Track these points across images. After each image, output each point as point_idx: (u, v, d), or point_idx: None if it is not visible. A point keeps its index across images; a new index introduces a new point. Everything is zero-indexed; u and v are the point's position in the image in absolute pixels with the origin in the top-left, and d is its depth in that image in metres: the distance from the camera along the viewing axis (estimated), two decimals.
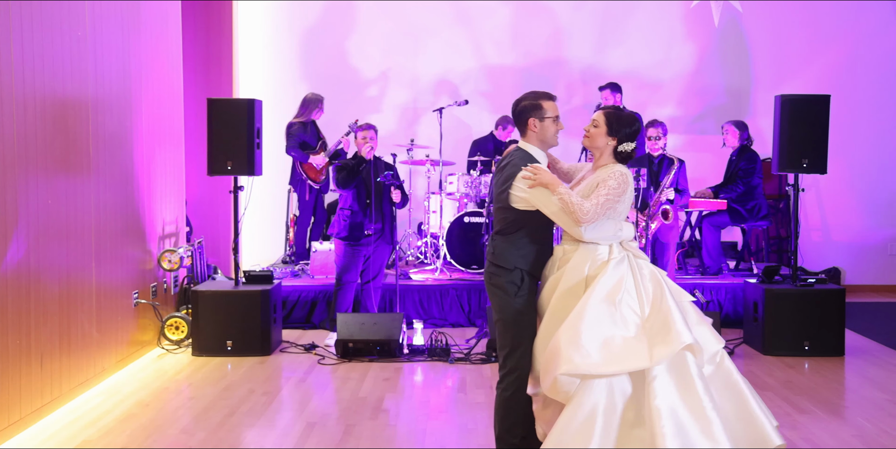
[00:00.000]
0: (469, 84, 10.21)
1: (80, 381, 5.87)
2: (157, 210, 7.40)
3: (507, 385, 4.24)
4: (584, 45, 10.20)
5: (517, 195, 4.15)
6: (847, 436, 5.08)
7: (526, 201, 4.13)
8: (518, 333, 4.22)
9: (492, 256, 4.30)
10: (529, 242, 4.23)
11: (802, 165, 7.11)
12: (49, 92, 5.45)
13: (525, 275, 4.24)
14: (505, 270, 4.24)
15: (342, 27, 10.23)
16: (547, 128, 4.24)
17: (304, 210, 9.10)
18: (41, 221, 5.34)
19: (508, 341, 4.25)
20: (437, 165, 9.01)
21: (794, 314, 7.07)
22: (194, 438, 5.01)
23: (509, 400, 4.24)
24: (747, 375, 6.42)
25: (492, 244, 4.36)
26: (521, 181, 4.11)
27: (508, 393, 4.24)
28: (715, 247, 8.67)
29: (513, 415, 4.25)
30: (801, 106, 7.11)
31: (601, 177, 4.18)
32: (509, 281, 4.22)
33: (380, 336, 6.95)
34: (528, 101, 4.26)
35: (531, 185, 4.08)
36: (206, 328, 7.03)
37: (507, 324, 4.25)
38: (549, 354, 3.96)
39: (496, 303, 4.30)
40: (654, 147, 7.97)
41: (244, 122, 7.09)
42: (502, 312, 4.26)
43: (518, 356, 4.21)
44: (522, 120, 4.24)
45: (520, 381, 4.20)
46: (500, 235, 4.29)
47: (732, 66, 10.23)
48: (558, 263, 4.24)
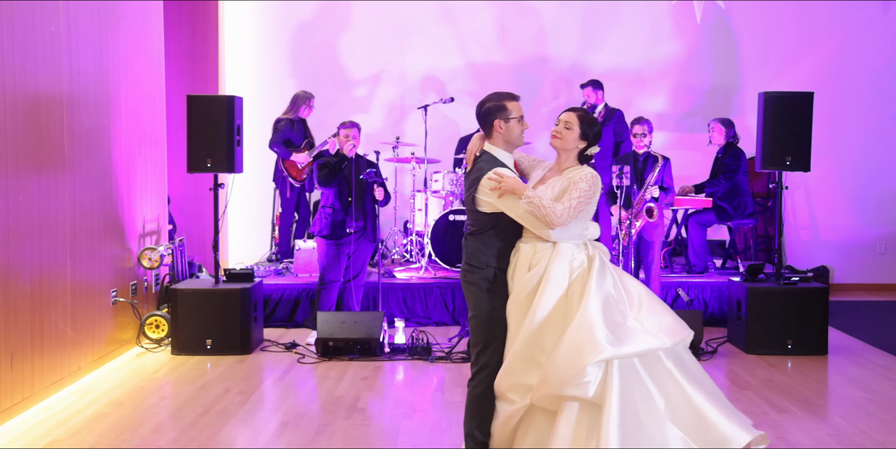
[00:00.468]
0: (456, 82, 10.16)
1: (54, 380, 5.83)
2: (138, 208, 7.35)
3: (479, 382, 4.23)
4: (571, 42, 10.15)
5: (483, 199, 4.17)
6: (823, 435, 5.03)
7: (491, 205, 4.16)
8: (491, 329, 4.22)
9: (466, 257, 4.35)
10: (500, 240, 4.26)
11: (786, 163, 7.07)
12: (20, 87, 5.40)
13: (498, 272, 4.26)
14: (478, 269, 4.26)
15: (329, 24, 10.18)
16: (512, 128, 4.22)
17: (286, 207, 9.06)
18: (11, 218, 5.29)
19: (482, 338, 4.24)
20: (422, 163, 8.96)
21: (777, 313, 7.02)
22: (164, 438, 4.97)
23: (480, 396, 4.23)
24: (729, 374, 6.39)
25: (465, 245, 4.40)
26: (486, 186, 4.12)
27: (479, 390, 4.23)
28: (701, 245, 8.62)
29: (483, 412, 4.22)
30: (784, 103, 7.06)
31: (572, 179, 4.15)
32: (482, 278, 4.24)
33: (360, 335, 6.90)
34: (492, 102, 4.23)
35: (499, 194, 4.09)
36: (186, 327, 6.98)
37: (481, 321, 4.25)
38: (567, 358, 3.93)
39: (471, 300, 4.31)
40: (640, 144, 7.91)
41: (224, 118, 7.05)
42: (477, 308, 4.27)
43: (490, 353, 4.21)
44: (488, 121, 4.22)
45: (491, 377, 4.19)
46: (472, 236, 4.33)
47: (720, 63, 10.18)
48: (530, 263, 4.19)
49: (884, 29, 10.04)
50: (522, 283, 4.16)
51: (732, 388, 6.04)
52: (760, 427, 5.05)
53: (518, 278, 4.21)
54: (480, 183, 4.13)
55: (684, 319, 6.81)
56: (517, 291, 4.18)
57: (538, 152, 10.12)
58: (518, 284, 4.19)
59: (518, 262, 4.23)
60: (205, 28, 9.89)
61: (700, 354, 6.90)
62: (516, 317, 4.16)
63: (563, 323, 4.02)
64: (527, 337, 4.06)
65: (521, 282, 4.17)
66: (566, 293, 4.07)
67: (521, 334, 4.07)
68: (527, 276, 4.17)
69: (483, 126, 4.27)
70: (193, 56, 9.78)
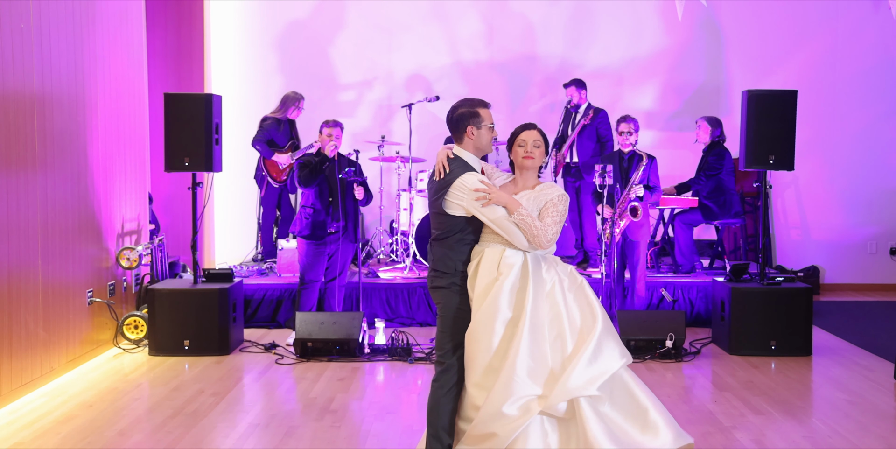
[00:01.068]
0: (444, 80, 10.09)
1: (24, 381, 5.76)
2: (116, 207, 7.28)
3: (444, 382, 4.18)
4: (559, 41, 10.08)
5: (454, 202, 4.13)
6: (798, 437, 4.96)
7: (463, 208, 4.12)
8: (461, 330, 4.18)
9: (433, 263, 4.30)
10: (466, 244, 4.24)
11: (769, 162, 6.99)
12: None
13: (464, 276, 4.23)
14: (447, 274, 4.24)
15: (317, 23, 10.12)
16: (483, 135, 4.19)
17: (267, 206, 9.00)
18: None
19: (450, 338, 4.20)
20: (407, 162, 8.89)
21: (761, 313, 6.95)
22: (129, 440, 4.90)
23: (446, 397, 4.17)
24: (710, 376, 6.31)
25: (431, 251, 4.35)
26: (459, 189, 4.08)
27: (445, 390, 4.18)
28: (687, 245, 8.54)
29: (448, 413, 4.15)
30: (767, 101, 6.99)
31: (549, 197, 4.17)
32: (451, 282, 4.22)
33: (339, 335, 6.84)
34: (465, 108, 4.20)
35: (485, 203, 4.06)
36: (163, 327, 6.92)
37: (448, 321, 4.21)
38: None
39: (440, 302, 4.28)
40: (625, 143, 7.80)
41: (202, 117, 6.98)
42: (446, 309, 4.24)
43: (460, 354, 4.17)
44: (461, 127, 4.19)
45: (457, 377, 4.16)
46: (437, 241, 4.29)
47: (709, 62, 10.11)
48: (499, 266, 4.14)
49: (874, 28, 9.95)
50: (496, 290, 4.09)
51: (712, 389, 5.97)
52: (736, 430, 5.01)
53: (484, 284, 4.14)
54: (453, 185, 4.10)
55: (667, 319, 6.86)
56: (491, 299, 4.10)
57: None
58: (489, 291, 4.12)
59: (486, 264, 4.16)
60: (190, 27, 9.82)
61: (683, 355, 6.82)
62: (486, 323, 4.08)
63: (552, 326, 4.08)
64: (526, 344, 4.03)
65: (493, 288, 4.11)
66: (546, 296, 4.12)
67: (521, 341, 4.03)
68: (499, 279, 4.11)
69: (454, 131, 4.23)
70: (179, 55, 9.72)
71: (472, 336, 4.09)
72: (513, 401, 3.93)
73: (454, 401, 4.15)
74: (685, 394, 5.84)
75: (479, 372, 4.04)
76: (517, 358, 3.96)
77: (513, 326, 4.03)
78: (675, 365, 6.62)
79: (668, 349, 6.77)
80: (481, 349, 4.05)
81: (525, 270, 4.16)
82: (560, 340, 4.05)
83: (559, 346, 4.06)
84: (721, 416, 5.34)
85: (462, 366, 4.14)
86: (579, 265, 8.83)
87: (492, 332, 4.04)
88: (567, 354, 4.03)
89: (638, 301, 7.58)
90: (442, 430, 4.19)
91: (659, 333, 6.85)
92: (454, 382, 4.15)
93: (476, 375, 4.05)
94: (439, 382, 4.19)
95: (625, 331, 6.85)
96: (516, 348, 3.97)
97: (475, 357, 4.06)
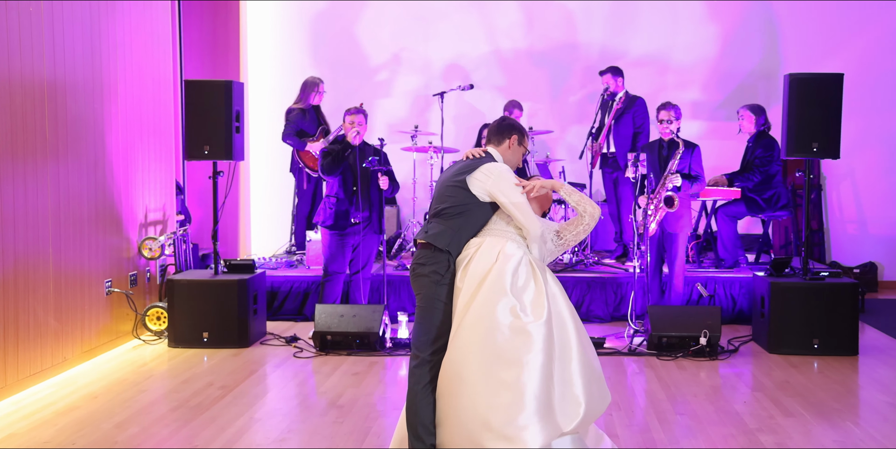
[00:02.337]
0: (482, 70, 9.83)
1: (33, 371, 5.67)
2: (138, 197, 7.18)
3: (420, 377, 3.99)
4: (600, 28, 9.74)
5: (478, 181, 4.06)
6: (827, 441, 4.61)
7: (485, 190, 4.05)
8: (438, 323, 4.01)
9: (424, 236, 4.13)
10: (465, 230, 4.10)
11: (812, 150, 6.60)
12: None
13: (451, 263, 4.07)
14: (434, 254, 4.07)
15: (352, 12, 9.94)
16: (517, 152, 4.28)
17: (302, 198, 8.83)
18: None
19: (425, 331, 4.04)
20: (439, 152, 8.66)
21: (803, 310, 6.57)
22: (124, 434, 4.76)
23: (423, 391, 3.97)
24: (744, 375, 5.98)
25: (426, 226, 4.20)
26: (486, 171, 4.07)
27: (422, 385, 3.98)
28: (730, 238, 8.15)
29: (429, 406, 3.93)
30: (811, 86, 6.60)
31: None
32: (433, 271, 4.05)
33: (359, 328, 6.64)
34: (517, 125, 4.31)
35: (531, 188, 4.11)
36: (182, 319, 6.80)
37: (426, 312, 4.05)
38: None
39: (420, 291, 4.10)
40: (665, 131, 7.45)
41: (222, 104, 6.83)
42: (425, 299, 4.07)
43: (436, 348, 3.99)
44: (506, 134, 4.25)
45: (435, 370, 3.96)
46: (438, 217, 4.15)
47: (760, 48, 9.67)
48: (499, 254, 3.98)
49: None
50: (498, 271, 3.90)
51: (743, 389, 5.63)
52: (761, 432, 4.70)
53: (481, 267, 3.94)
54: (483, 167, 4.09)
55: (702, 315, 6.52)
56: (496, 277, 3.90)
57: (565, 142, 9.77)
58: (486, 274, 3.92)
59: (480, 253, 3.99)
60: (226, 15, 9.73)
61: (718, 353, 6.48)
62: (489, 304, 3.86)
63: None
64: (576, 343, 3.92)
65: (492, 271, 3.91)
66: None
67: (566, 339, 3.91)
68: (503, 264, 3.91)
69: (497, 134, 4.27)
70: (214, 46, 9.64)
71: (472, 320, 3.85)
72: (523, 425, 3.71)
73: (432, 394, 3.94)
74: (713, 393, 5.51)
75: (480, 361, 3.80)
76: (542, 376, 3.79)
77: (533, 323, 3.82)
78: (709, 363, 6.28)
79: (702, 347, 6.43)
80: (481, 334, 3.82)
81: (531, 266, 3.96)
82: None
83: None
84: (748, 417, 5.01)
85: (438, 361, 3.92)
86: (618, 259, 8.51)
87: (494, 315, 3.82)
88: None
89: (675, 297, 7.24)
90: (422, 428, 3.97)
91: (693, 329, 6.51)
92: (430, 378, 3.96)
93: (475, 364, 3.80)
94: (415, 377, 4.00)
95: (656, 327, 6.53)
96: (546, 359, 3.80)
97: (471, 343, 3.83)
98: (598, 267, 8.26)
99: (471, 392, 3.78)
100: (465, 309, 3.90)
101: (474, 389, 3.77)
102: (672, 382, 5.77)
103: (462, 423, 3.78)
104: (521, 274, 3.95)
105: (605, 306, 7.76)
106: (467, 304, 3.90)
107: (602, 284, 7.80)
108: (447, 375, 3.87)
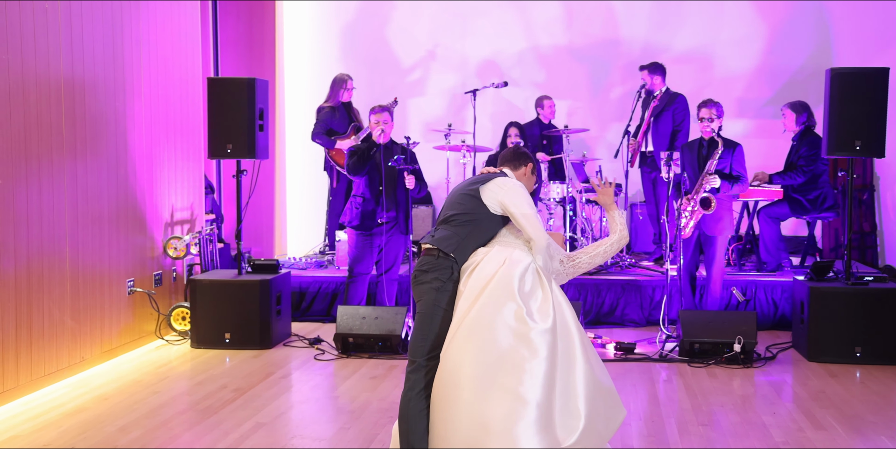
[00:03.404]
0: (520, 67, 9.63)
1: (48, 371, 5.62)
2: (163, 195, 7.12)
3: (416, 381, 3.85)
4: (643, 23, 9.47)
5: (491, 192, 4.01)
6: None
7: (497, 201, 3.99)
8: (437, 330, 3.88)
9: (431, 240, 4.03)
10: (472, 238, 4.02)
11: (855, 148, 6.28)
12: (2, 66, 5.19)
13: (455, 270, 3.96)
14: (438, 261, 3.96)
15: (388, 9, 9.80)
16: (530, 180, 4.28)
17: (335, 197, 8.71)
18: None
19: (424, 337, 3.90)
20: (472, 152, 8.47)
21: (845, 316, 6.26)
22: (126, 437, 4.66)
23: (416, 398, 3.83)
24: (777, 384, 5.70)
25: (433, 231, 4.12)
26: (500, 184, 4.03)
27: (416, 391, 3.83)
28: (773, 240, 7.83)
29: (419, 415, 3.77)
30: (854, 81, 6.29)
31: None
32: (435, 278, 3.94)
33: (380, 331, 6.50)
34: (532, 155, 4.33)
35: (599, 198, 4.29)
36: (205, 319, 6.72)
37: (425, 318, 3.92)
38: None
39: (421, 298, 3.99)
40: (706, 130, 7.17)
41: (245, 102, 6.74)
42: (425, 305, 3.95)
43: (433, 355, 3.84)
44: (523, 160, 4.25)
45: (430, 375, 3.82)
46: (446, 223, 4.07)
47: (809, 43, 9.32)
48: (507, 260, 3.87)
49: None
50: (505, 274, 3.76)
51: (775, 399, 5.35)
52: (785, 446, 4.42)
53: (487, 271, 3.80)
54: (498, 179, 4.06)
55: (737, 321, 6.24)
56: (504, 279, 3.77)
57: (605, 140, 9.52)
58: (491, 277, 3.78)
59: (487, 260, 3.90)
60: (262, 14, 9.68)
61: (753, 360, 6.20)
62: (496, 304, 3.72)
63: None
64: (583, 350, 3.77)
65: (498, 273, 3.77)
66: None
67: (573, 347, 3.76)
68: (510, 268, 3.76)
69: (515, 159, 4.26)
70: (250, 43, 9.59)
71: (474, 322, 3.70)
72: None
73: (425, 401, 3.78)
74: (741, 403, 5.24)
75: (481, 364, 3.64)
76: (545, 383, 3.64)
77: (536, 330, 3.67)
78: (742, 371, 6.01)
79: (735, 354, 6.16)
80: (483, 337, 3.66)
81: (538, 274, 3.83)
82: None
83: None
84: (774, 430, 4.74)
85: (434, 367, 3.76)
86: (656, 262, 8.25)
87: (499, 319, 3.68)
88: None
89: (712, 301, 6.96)
90: (413, 435, 3.82)
91: (727, 335, 6.24)
92: (424, 384, 3.81)
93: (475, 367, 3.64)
94: (410, 382, 3.86)
95: (688, 333, 6.28)
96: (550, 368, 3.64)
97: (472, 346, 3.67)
98: (633, 269, 8.02)
99: (468, 395, 3.62)
100: (466, 311, 3.75)
101: (472, 393, 3.61)
102: (700, 390, 5.52)
103: (458, 426, 3.61)
104: (527, 280, 3.81)
105: (640, 310, 7.51)
106: (469, 306, 3.75)
107: (637, 287, 7.55)
108: (443, 377, 3.71)
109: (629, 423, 4.86)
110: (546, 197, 8.32)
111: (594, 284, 7.56)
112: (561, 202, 8.32)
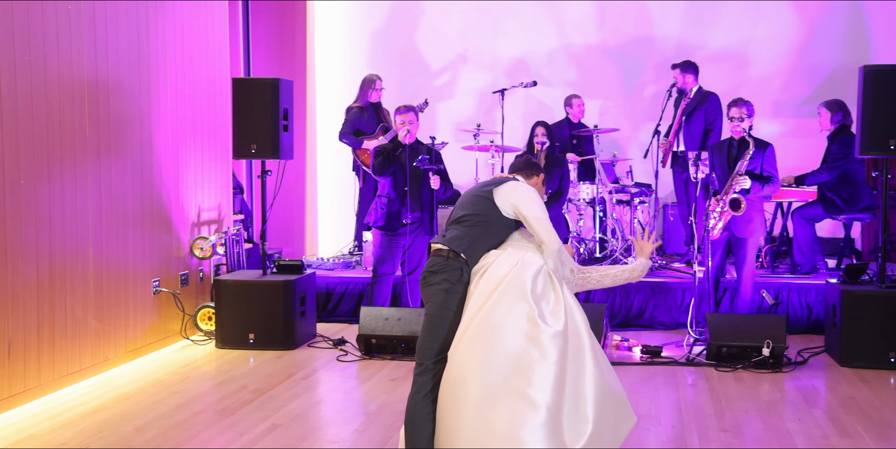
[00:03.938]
0: (551, 66, 9.54)
1: (70, 371, 5.65)
2: (190, 196, 7.14)
3: (423, 384, 3.80)
4: (677, 21, 9.33)
5: (504, 193, 4.00)
6: None
7: (510, 204, 3.96)
8: (445, 332, 3.82)
9: (441, 240, 3.99)
10: (483, 239, 3.98)
11: (890, 147, 6.12)
12: (23, 67, 5.22)
13: (465, 272, 3.90)
14: (447, 262, 3.92)
15: (418, 9, 9.77)
16: (540, 190, 4.26)
17: (363, 198, 8.69)
18: (9, 203, 5.11)
19: (432, 339, 3.85)
20: (500, 152, 8.40)
21: (878, 320, 6.10)
22: (141, 437, 4.66)
23: (423, 401, 3.78)
24: (807, 390, 5.56)
25: (444, 232, 4.07)
26: (514, 187, 4.02)
27: (422, 394, 3.78)
28: (807, 242, 7.67)
29: (426, 418, 3.73)
30: (889, 78, 6.13)
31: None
32: (444, 279, 3.89)
33: (403, 332, 6.45)
34: (542, 169, 4.35)
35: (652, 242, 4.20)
36: (229, 320, 6.72)
37: (433, 321, 3.87)
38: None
39: (429, 300, 3.94)
40: (736, 129, 7.03)
41: (269, 102, 6.73)
42: (433, 308, 3.90)
43: (440, 358, 3.80)
44: (535, 171, 4.27)
45: (438, 378, 3.77)
46: (457, 224, 4.03)
47: (847, 41, 9.12)
48: (519, 263, 3.83)
49: None
50: (518, 275, 3.72)
51: (802, 405, 5.22)
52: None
53: (499, 272, 3.76)
54: (511, 183, 4.07)
55: (766, 324, 6.11)
56: (517, 279, 3.74)
57: (637, 140, 9.40)
58: (503, 278, 3.73)
59: (499, 261, 3.87)
60: (293, 15, 9.70)
61: (783, 365, 6.06)
62: (509, 304, 3.68)
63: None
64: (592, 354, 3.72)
65: (511, 273, 3.73)
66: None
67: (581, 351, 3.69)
68: (522, 269, 3.72)
69: (527, 168, 4.28)
70: (281, 44, 9.61)
71: (484, 322, 3.64)
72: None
73: (432, 404, 3.73)
74: (767, 409, 5.12)
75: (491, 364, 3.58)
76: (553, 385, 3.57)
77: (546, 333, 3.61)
78: (770, 376, 5.88)
79: (764, 358, 6.02)
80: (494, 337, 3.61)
81: (550, 277, 3.77)
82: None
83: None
84: (798, 437, 4.62)
85: (442, 369, 3.70)
86: (688, 263, 8.11)
87: (511, 319, 3.63)
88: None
89: (742, 305, 6.82)
90: (419, 438, 3.78)
91: (756, 339, 6.11)
92: (431, 386, 3.76)
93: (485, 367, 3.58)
94: (417, 385, 3.81)
95: (715, 336, 6.16)
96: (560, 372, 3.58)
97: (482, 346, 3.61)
98: (664, 271, 7.89)
99: (475, 395, 3.56)
100: (476, 311, 3.70)
101: (479, 393, 3.55)
102: (725, 395, 5.40)
103: (464, 426, 3.55)
104: (540, 282, 3.76)
105: (669, 312, 7.39)
106: (480, 306, 3.70)
107: (667, 289, 7.43)
108: (450, 377, 3.66)
109: (648, 427, 4.76)
110: (576, 198, 8.23)
111: (623, 287, 7.45)
112: (591, 203, 8.22)
